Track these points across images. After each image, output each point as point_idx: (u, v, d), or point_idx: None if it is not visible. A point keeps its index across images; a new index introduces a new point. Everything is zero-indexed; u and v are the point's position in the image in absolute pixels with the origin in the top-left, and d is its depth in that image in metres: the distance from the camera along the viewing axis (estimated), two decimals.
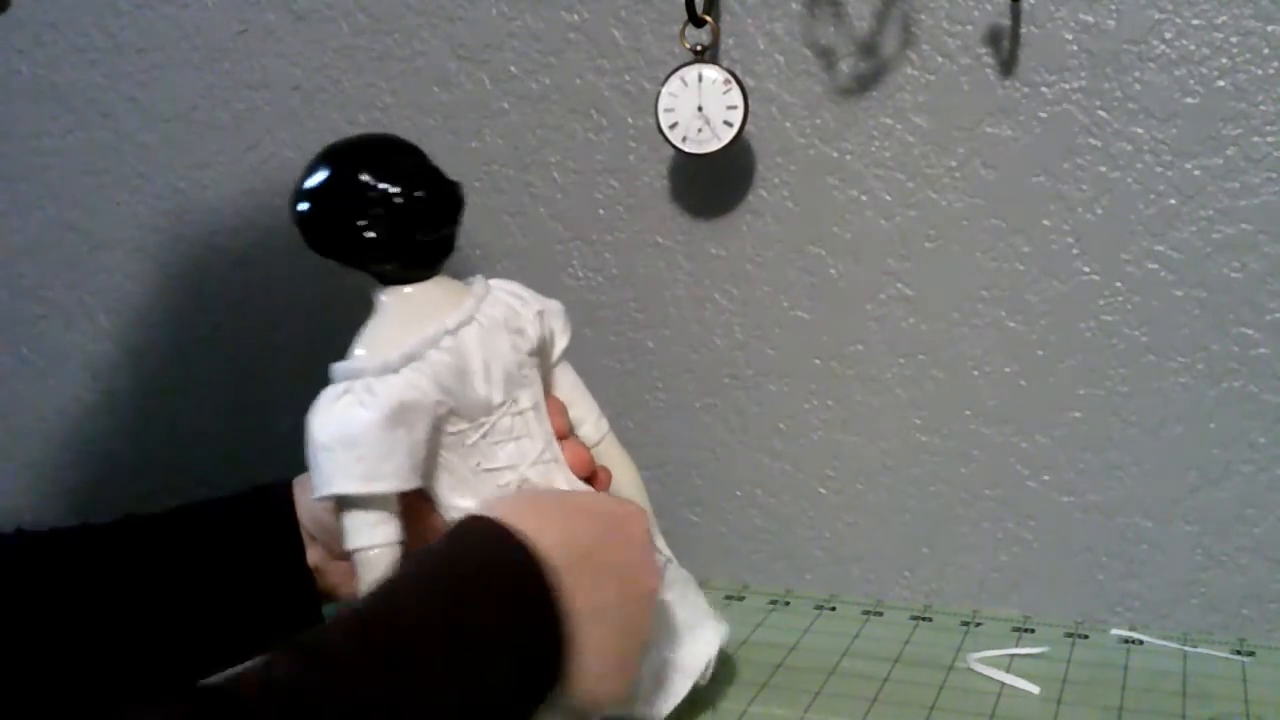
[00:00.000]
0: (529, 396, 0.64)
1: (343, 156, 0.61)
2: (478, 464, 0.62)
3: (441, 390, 0.59)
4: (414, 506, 0.61)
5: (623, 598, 0.58)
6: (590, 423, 0.70)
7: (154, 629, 0.64)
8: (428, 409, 0.59)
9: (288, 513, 0.67)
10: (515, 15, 0.94)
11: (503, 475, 0.63)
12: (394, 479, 0.58)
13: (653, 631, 0.63)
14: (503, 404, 0.62)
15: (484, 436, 0.62)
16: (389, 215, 0.60)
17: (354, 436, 0.57)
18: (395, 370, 0.59)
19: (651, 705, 0.67)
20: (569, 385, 0.69)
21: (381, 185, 0.60)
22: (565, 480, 0.65)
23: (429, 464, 0.60)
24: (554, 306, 0.68)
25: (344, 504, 0.58)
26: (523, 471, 0.63)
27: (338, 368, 0.60)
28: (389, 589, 0.53)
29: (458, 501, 0.62)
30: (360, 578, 0.59)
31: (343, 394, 0.58)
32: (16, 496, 1.17)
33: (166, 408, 1.12)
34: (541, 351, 0.66)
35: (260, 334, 1.07)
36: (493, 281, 0.65)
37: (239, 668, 0.49)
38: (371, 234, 0.60)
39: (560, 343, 0.68)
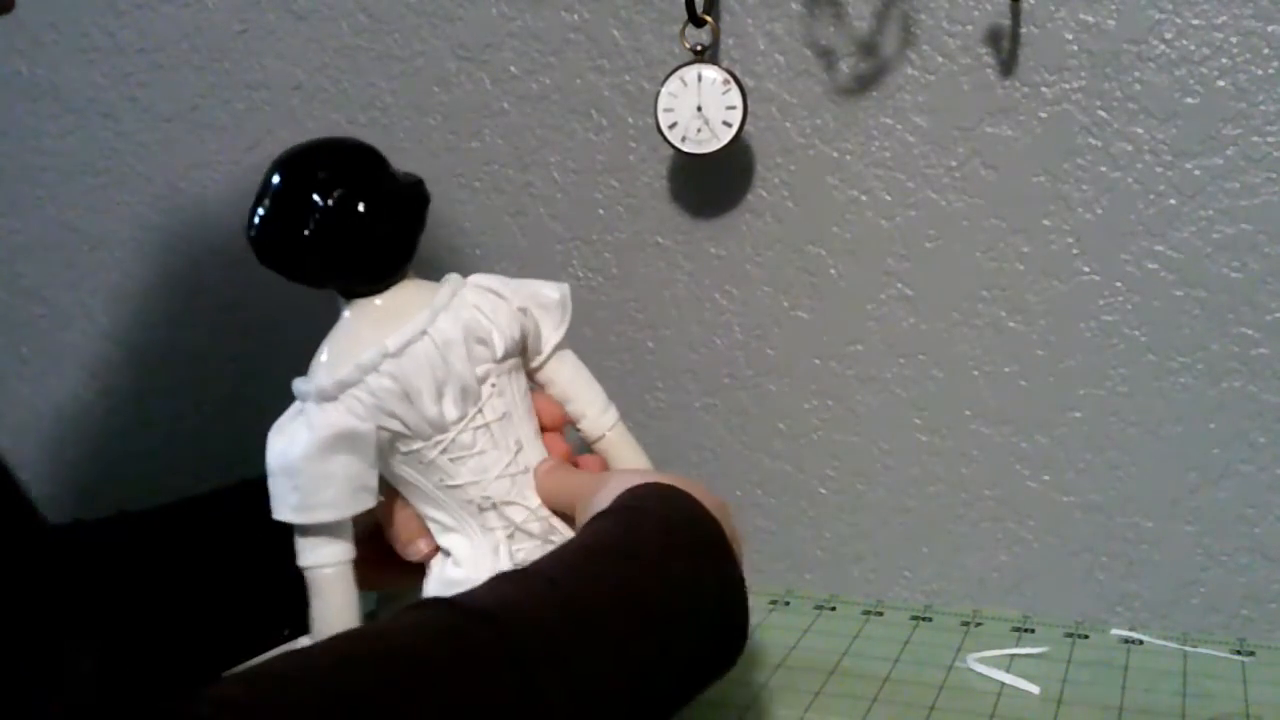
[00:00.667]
0: (494, 408, 0.60)
1: (284, 172, 0.58)
2: (440, 480, 0.60)
3: (383, 415, 0.57)
4: (387, 507, 0.61)
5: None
6: (591, 417, 0.65)
7: (149, 623, 0.64)
8: (367, 435, 0.57)
9: None
10: (515, 15, 0.94)
11: (466, 491, 0.60)
12: (330, 509, 0.57)
13: None
14: (460, 420, 0.59)
15: (442, 453, 0.59)
16: (329, 233, 0.57)
17: (291, 466, 0.56)
18: (333, 398, 0.57)
19: None
20: (568, 377, 0.65)
21: (317, 200, 0.57)
22: (536, 495, 0.61)
23: (388, 478, 0.60)
24: (546, 297, 0.63)
25: (293, 524, 0.58)
26: (486, 488, 0.60)
27: (295, 385, 0.59)
28: (597, 538, 0.53)
29: (431, 513, 0.61)
30: (310, 595, 0.58)
31: (295, 416, 0.58)
32: None
33: (166, 408, 1.12)
34: (521, 351, 0.62)
35: (260, 334, 1.07)
36: (472, 278, 0.61)
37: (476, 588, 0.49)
38: (315, 256, 0.58)
39: (553, 337, 0.63)
